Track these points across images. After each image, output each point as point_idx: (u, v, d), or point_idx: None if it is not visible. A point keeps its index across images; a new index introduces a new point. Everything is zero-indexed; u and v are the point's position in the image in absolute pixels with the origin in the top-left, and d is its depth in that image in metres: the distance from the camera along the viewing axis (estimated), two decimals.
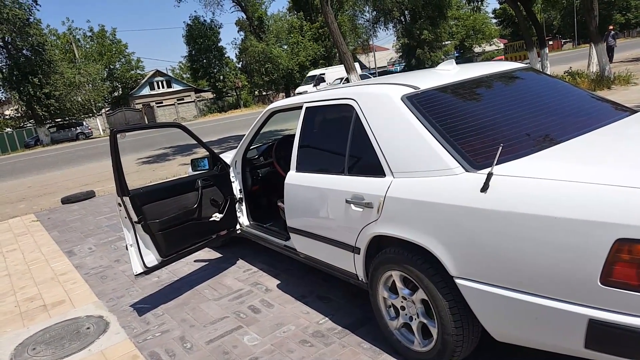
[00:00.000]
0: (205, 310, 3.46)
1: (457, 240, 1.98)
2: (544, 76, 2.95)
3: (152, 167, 11.85)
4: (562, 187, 1.71)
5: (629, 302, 1.55)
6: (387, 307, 2.54)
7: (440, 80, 2.60)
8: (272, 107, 3.54)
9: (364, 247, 2.49)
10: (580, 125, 2.33)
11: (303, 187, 2.92)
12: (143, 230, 3.37)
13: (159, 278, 4.25)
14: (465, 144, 2.13)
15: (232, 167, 4.06)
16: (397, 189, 2.24)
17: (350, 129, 2.62)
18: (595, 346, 1.67)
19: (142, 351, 3.01)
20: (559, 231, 1.66)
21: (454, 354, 2.19)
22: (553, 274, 1.70)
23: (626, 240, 1.52)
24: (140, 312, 3.61)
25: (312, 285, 3.58)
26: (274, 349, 2.80)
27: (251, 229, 3.95)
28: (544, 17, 47.34)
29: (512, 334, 1.95)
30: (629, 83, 12.59)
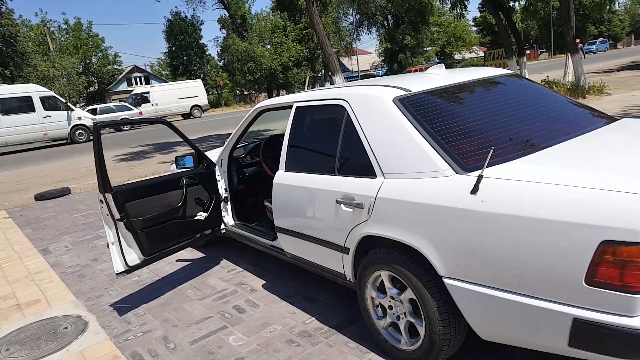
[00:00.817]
0: (189, 310, 3.42)
1: (447, 241, 2.01)
2: (530, 83, 3.03)
3: (130, 165, 11.67)
4: (550, 190, 1.75)
5: (611, 301, 1.61)
6: (374, 306, 2.56)
7: (430, 83, 2.64)
8: (261, 106, 3.53)
9: (354, 247, 2.51)
10: (566, 131, 2.40)
11: (292, 186, 2.92)
12: (125, 228, 3.31)
13: (140, 277, 4.19)
14: (456, 146, 2.17)
15: (217, 166, 4.03)
16: (388, 190, 2.27)
17: (342, 129, 2.64)
18: (578, 344, 1.72)
19: (124, 351, 2.96)
20: (546, 233, 1.71)
21: (441, 353, 2.22)
22: (540, 274, 1.75)
23: (611, 242, 1.58)
24: (121, 311, 3.55)
25: (299, 286, 3.58)
26: (260, 348, 2.79)
27: (236, 229, 3.93)
28: (522, 26, 48.39)
29: (498, 332, 1.99)
30: (602, 93, 12.95)
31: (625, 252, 1.56)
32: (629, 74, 19.46)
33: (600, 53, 46.05)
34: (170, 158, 11.98)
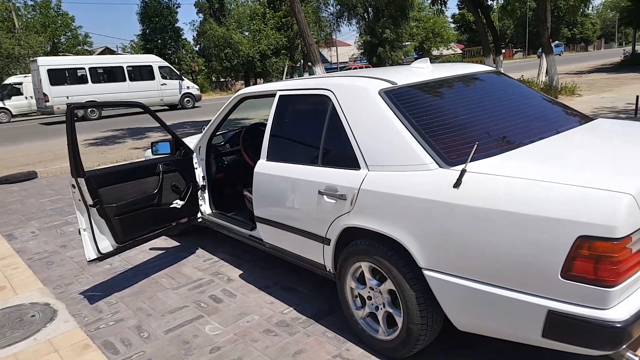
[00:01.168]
0: (163, 300, 3.37)
1: (429, 234, 2.04)
2: (511, 80, 3.08)
3: (101, 150, 11.39)
4: (530, 186, 1.79)
5: (585, 294, 1.66)
6: (353, 297, 2.58)
7: (416, 77, 2.65)
8: (242, 93, 3.48)
9: (335, 238, 2.51)
10: (546, 128, 2.45)
11: (274, 176, 2.90)
12: (98, 214, 3.23)
13: (112, 265, 4.11)
14: (439, 140, 2.19)
15: (195, 153, 3.97)
16: (372, 182, 2.28)
17: (326, 120, 2.63)
18: (551, 335, 1.77)
19: (95, 340, 2.91)
20: (525, 227, 1.75)
21: (417, 343, 2.25)
22: (518, 267, 1.79)
23: (587, 238, 1.62)
24: (92, 300, 3.47)
25: (277, 276, 3.57)
26: (237, 338, 2.78)
27: (214, 218, 3.88)
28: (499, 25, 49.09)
29: (474, 323, 2.03)
30: (573, 94, 13.29)
31: (600, 248, 1.61)
32: (599, 76, 20.03)
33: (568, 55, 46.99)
34: (143, 144, 11.74)
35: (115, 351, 2.77)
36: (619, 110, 9.91)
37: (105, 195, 3.25)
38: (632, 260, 1.65)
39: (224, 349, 2.68)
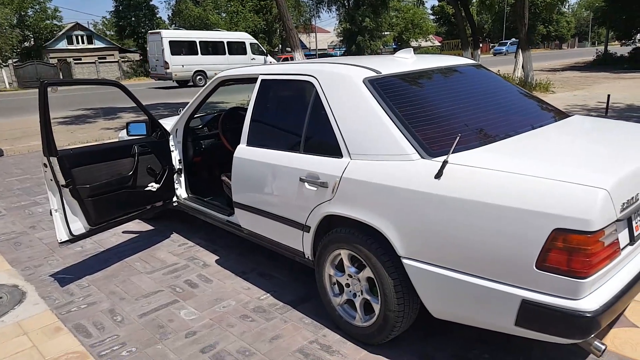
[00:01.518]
0: (137, 283, 3.33)
1: (409, 223, 2.06)
2: (493, 74, 3.12)
3: (70, 129, 11.07)
4: (509, 179, 1.83)
5: (558, 285, 1.72)
6: (332, 284, 2.60)
7: (400, 67, 2.66)
8: (222, 76, 3.42)
9: (315, 225, 2.52)
10: (526, 123, 2.51)
11: (254, 162, 2.87)
12: (71, 195, 3.15)
13: (83, 248, 4.02)
14: (422, 131, 2.21)
15: (172, 135, 3.90)
16: (354, 171, 2.28)
17: (309, 106, 2.61)
18: (524, 324, 1.83)
19: (66, 323, 2.85)
20: (503, 219, 1.79)
21: (394, 329, 2.29)
22: (494, 257, 1.83)
23: (562, 230, 1.67)
24: (62, 282, 3.40)
25: (254, 262, 3.56)
26: (213, 323, 2.77)
27: (190, 202, 3.84)
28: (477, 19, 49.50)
29: (450, 311, 2.07)
30: (547, 91, 13.57)
31: (574, 240, 1.66)
32: (572, 74, 20.50)
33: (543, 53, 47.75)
34: (115, 124, 11.48)
35: (88, 334, 2.73)
36: (591, 108, 10.18)
37: (78, 176, 3.17)
38: (603, 253, 1.71)
39: (200, 334, 2.67)
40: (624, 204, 1.75)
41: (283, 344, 2.53)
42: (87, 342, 2.66)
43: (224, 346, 2.54)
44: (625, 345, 2.34)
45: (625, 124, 2.66)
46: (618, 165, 1.87)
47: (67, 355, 2.55)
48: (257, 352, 2.47)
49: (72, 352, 2.57)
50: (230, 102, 12.58)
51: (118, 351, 2.56)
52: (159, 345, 2.58)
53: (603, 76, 18.57)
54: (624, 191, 1.75)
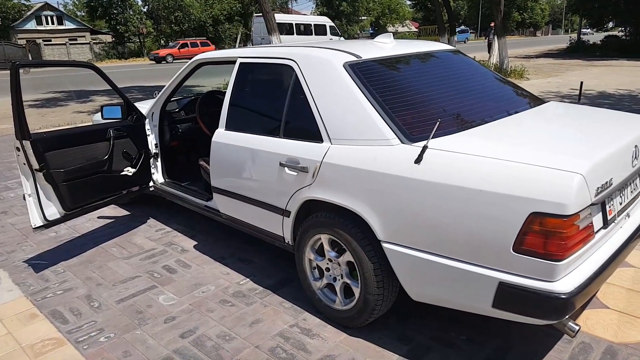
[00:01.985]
0: (114, 269, 3.29)
1: (389, 207, 2.08)
2: (472, 60, 3.14)
3: (41, 112, 10.77)
4: (488, 164, 1.86)
5: (535, 267, 1.76)
6: (312, 268, 2.61)
7: (379, 52, 2.65)
8: (200, 58, 3.36)
9: (295, 210, 2.52)
10: (504, 108, 2.54)
11: (233, 146, 2.84)
12: (45, 179, 3.08)
13: (57, 233, 3.94)
14: (402, 116, 2.22)
15: (148, 119, 3.82)
16: (334, 156, 2.28)
17: (289, 91, 2.59)
18: (501, 306, 1.87)
19: (42, 309, 2.81)
20: (482, 203, 1.82)
21: (373, 312, 2.32)
22: (473, 241, 1.87)
23: (538, 214, 1.71)
24: (37, 268, 3.34)
25: (233, 248, 3.54)
26: (192, 308, 2.76)
27: (167, 187, 3.79)
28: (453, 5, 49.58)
29: (429, 294, 2.11)
30: (522, 77, 13.77)
31: (550, 224, 1.70)
32: (546, 61, 20.84)
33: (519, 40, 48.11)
34: (88, 107, 11.20)
35: (65, 320, 2.69)
36: (564, 95, 10.38)
37: (52, 160, 3.09)
38: (579, 236, 1.76)
39: (179, 319, 2.66)
40: (598, 189, 1.80)
41: (263, 328, 2.54)
42: (63, 328, 2.62)
43: (203, 331, 2.54)
44: (597, 325, 2.43)
45: (599, 111, 2.72)
46: (593, 150, 1.91)
47: (43, 341, 2.51)
48: (238, 336, 2.48)
49: (49, 338, 2.54)
50: (206, 85, 12.40)
51: (96, 337, 2.53)
52: (137, 331, 2.57)
53: (576, 63, 18.94)
54: (598, 176, 1.80)
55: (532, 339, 2.34)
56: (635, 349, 2.24)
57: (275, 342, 2.42)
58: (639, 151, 2.14)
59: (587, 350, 2.25)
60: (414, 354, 2.28)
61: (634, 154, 2.10)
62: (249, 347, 2.39)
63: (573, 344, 2.30)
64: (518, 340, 2.35)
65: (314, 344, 2.39)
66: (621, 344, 2.28)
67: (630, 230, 2.17)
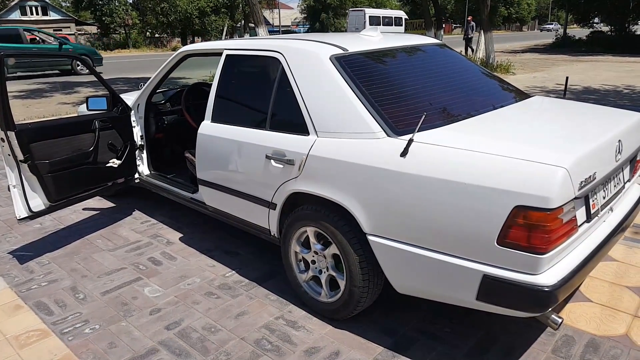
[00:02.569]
0: (99, 261, 3.26)
1: (374, 200, 2.09)
2: (458, 54, 3.15)
3: (26, 103, 10.59)
4: (473, 157, 1.87)
5: (518, 260, 1.78)
6: (297, 261, 2.62)
7: (366, 45, 2.65)
8: (186, 50, 3.33)
9: (281, 203, 2.52)
10: (489, 102, 2.56)
11: (219, 138, 2.83)
12: (30, 170, 3.04)
13: (42, 225, 3.90)
14: (388, 109, 2.23)
15: (133, 111, 3.79)
16: (320, 148, 2.28)
17: (275, 83, 2.58)
18: (485, 298, 1.90)
19: (27, 301, 2.78)
20: (467, 196, 1.83)
21: (358, 305, 2.34)
22: (457, 233, 1.88)
23: (522, 207, 1.73)
24: (22, 259, 3.30)
25: (218, 240, 3.53)
26: (178, 300, 2.75)
27: (152, 179, 3.76)
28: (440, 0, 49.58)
29: (413, 286, 2.13)
30: (508, 72, 13.87)
31: (534, 217, 1.72)
32: (532, 56, 21.00)
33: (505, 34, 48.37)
34: (73, 99, 11.04)
35: (50, 312, 2.67)
36: (549, 90, 10.49)
37: (37, 151, 3.06)
38: (562, 230, 1.78)
39: (165, 311, 2.65)
40: (582, 183, 1.82)
41: (249, 320, 2.54)
42: (48, 319, 2.60)
43: (189, 323, 2.53)
44: (580, 318, 2.47)
45: (583, 105, 2.76)
46: (577, 145, 1.93)
47: (28, 333, 2.49)
48: (223, 328, 2.48)
49: (34, 329, 2.52)
50: (192, 77, 12.29)
51: (81, 328, 2.52)
52: (123, 323, 2.55)
53: (562, 58, 19.13)
54: (582, 170, 1.82)
55: (515, 332, 2.38)
56: (617, 341, 2.29)
57: (261, 334, 2.43)
58: (622, 146, 2.17)
59: (569, 343, 2.29)
60: (399, 345, 2.31)
61: (618, 149, 2.13)
62: (235, 339, 2.39)
63: (556, 336, 2.34)
64: (502, 332, 2.38)
65: (299, 336, 2.40)
66: (603, 336, 2.33)
67: (613, 224, 2.21)
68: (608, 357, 2.17)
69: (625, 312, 2.50)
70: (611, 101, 8.76)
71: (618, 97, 9.22)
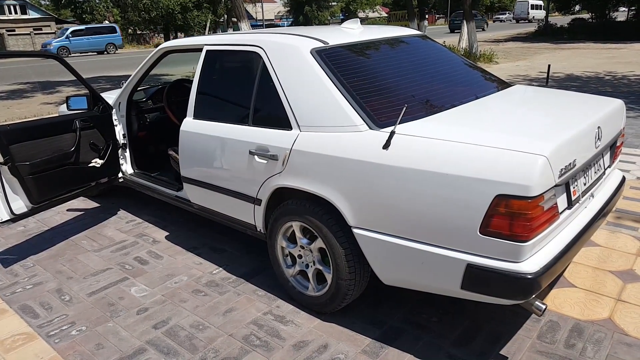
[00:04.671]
0: (84, 262, 3.23)
1: (358, 193, 2.09)
2: (439, 45, 3.16)
3: (7, 104, 10.42)
4: (454, 148, 1.88)
5: (501, 249, 1.80)
6: (284, 256, 2.61)
7: (347, 37, 2.64)
8: (166, 47, 3.29)
9: (266, 198, 2.51)
10: (469, 93, 2.57)
11: (202, 135, 2.81)
12: (10, 172, 2.99)
13: (25, 227, 3.85)
14: (370, 102, 2.23)
15: (115, 109, 3.74)
16: (303, 143, 2.28)
17: (257, 78, 2.56)
18: (469, 287, 1.91)
19: (12, 305, 2.75)
20: (448, 186, 1.85)
21: (345, 297, 2.34)
22: (441, 224, 1.89)
23: (504, 196, 1.74)
24: (5, 263, 3.26)
25: (204, 238, 3.52)
26: (165, 299, 2.74)
27: (136, 178, 3.72)
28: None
29: (399, 277, 2.14)
30: (491, 61, 13.97)
31: (515, 206, 1.74)
32: (515, 45, 21.13)
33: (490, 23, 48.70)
34: (54, 99, 10.89)
35: (35, 315, 2.64)
36: (532, 78, 10.57)
37: (18, 153, 3.01)
38: (543, 217, 1.80)
39: (152, 310, 2.63)
40: (562, 170, 1.84)
41: (237, 317, 2.54)
42: (34, 322, 2.57)
43: (177, 321, 2.52)
44: (564, 304, 2.51)
45: (565, 93, 2.78)
46: (557, 132, 1.95)
47: (14, 337, 2.46)
48: (211, 325, 2.48)
49: (19, 333, 2.49)
50: (174, 74, 12.18)
51: (67, 330, 2.49)
52: (110, 323, 2.54)
53: (544, 47, 19.28)
54: (562, 157, 1.84)
55: (501, 319, 2.41)
56: (601, 325, 2.33)
57: (249, 329, 2.42)
58: (602, 132, 2.20)
59: (554, 328, 2.32)
60: (387, 336, 2.32)
61: (597, 135, 2.15)
62: (223, 336, 2.39)
63: (541, 322, 2.37)
64: (487, 320, 2.41)
65: (287, 331, 2.40)
66: (587, 321, 2.36)
67: (594, 210, 2.24)
68: (592, 341, 2.21)
69: (608, 297, 2.55)
70: (593, 88, 8.87)
71: (600, 84, 9.33)
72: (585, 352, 2.15)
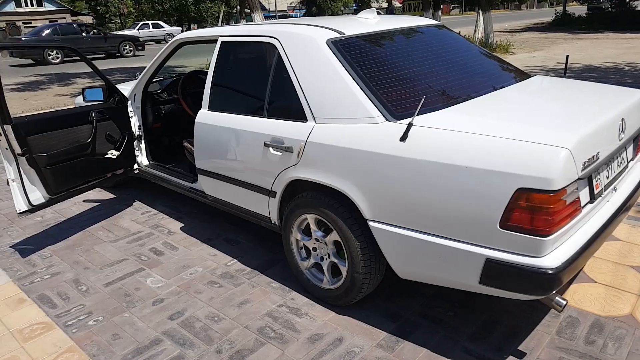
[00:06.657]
0: (101, 253, 3.26)
1: (374, 186, 2.07)
2: (456, 35, 3.10)
3: (24, 96, 10.55)
4: (473, 140, 1.84)
5: (521, 243, 1.76)
6: (299, 248, 2.60)
7: (363, 28, 2.60)
8: (181, 38, 3.28)
9: (281, 191, 2.50)
10: (489, 84, 2.51)
11: (216, 127, 2.80)
12: (28, 164, 3.02)
13: (43, 218, 3.90)
14: (387, 93, 2.19)
15: (130, 101, 3.75)
16: (319, 135, 2.26)
17: (272, 69, 2.54)
18: (488, 282, 1.88)
19: (30, 294, 2.78)
20: (468, 179, 1.81)
21: (361, 291, 2.33)
22: (459, 217, 1.86)
23: (525, 190, 1.70)
24: (24, 253, 3.30)
25: (219, 229, 3.52)
26: (180, 290, 2.75)
27: (151, 170, 3.74)
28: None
29: (416, 272, 2.11)
30: (507, 52, 13.74)
31: (537, 199, 1.70)
32: (531, 35, 20.77)
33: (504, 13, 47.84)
34: (70, 90, 10.99)
35: (53, 305, 2.67)
36: (550, 69, 10.39)
37: (35, 144, 3.04)
38: (565, 212, 1.76)
39: (168, 301, 2.65)
40: (585, 163, 1.79)
41: (252, 309, 2.54)
42: (52, 312, 2.60)
43: (192, 312, 2.53)
44: (584, 299, 2.46)
45: (584, 84, 2.71)
46: (579, 124, 1.90)
47: (32, 326, 2.49)
48: (226, 317, 2.48)
49: (38, 322, 2.52)
50: (189, 66, 12.21)
51: (84, 320, 2.52)
52: (126, 314, 2.56)
53: (562, 37, 18.91)
54: (585, 150, 1.79)
55: (518, 314, 2.38)
56: (622, 322, 2.28)
57: (264, 321, 2.42)
58: (625, 124, 2.14)
59: (574, 324, 2.28)
60: (402, 330, 2.30)
61: (621, 128, 2.10)
62: (238, 327, 2.39)
63: (560, 318, 2.33)
64: (505, 315, 2.38)
65: (302, 323, 2.40)
66: (608, 317, 2.32)
67: (617, 204, 2.18)
68: (613, 338, 2.17)
69: (629, 292, 2.49)
70: (612, 79, 8.68)
71: (619, 75, 9.13)
72: (606, 349, 2.11)
